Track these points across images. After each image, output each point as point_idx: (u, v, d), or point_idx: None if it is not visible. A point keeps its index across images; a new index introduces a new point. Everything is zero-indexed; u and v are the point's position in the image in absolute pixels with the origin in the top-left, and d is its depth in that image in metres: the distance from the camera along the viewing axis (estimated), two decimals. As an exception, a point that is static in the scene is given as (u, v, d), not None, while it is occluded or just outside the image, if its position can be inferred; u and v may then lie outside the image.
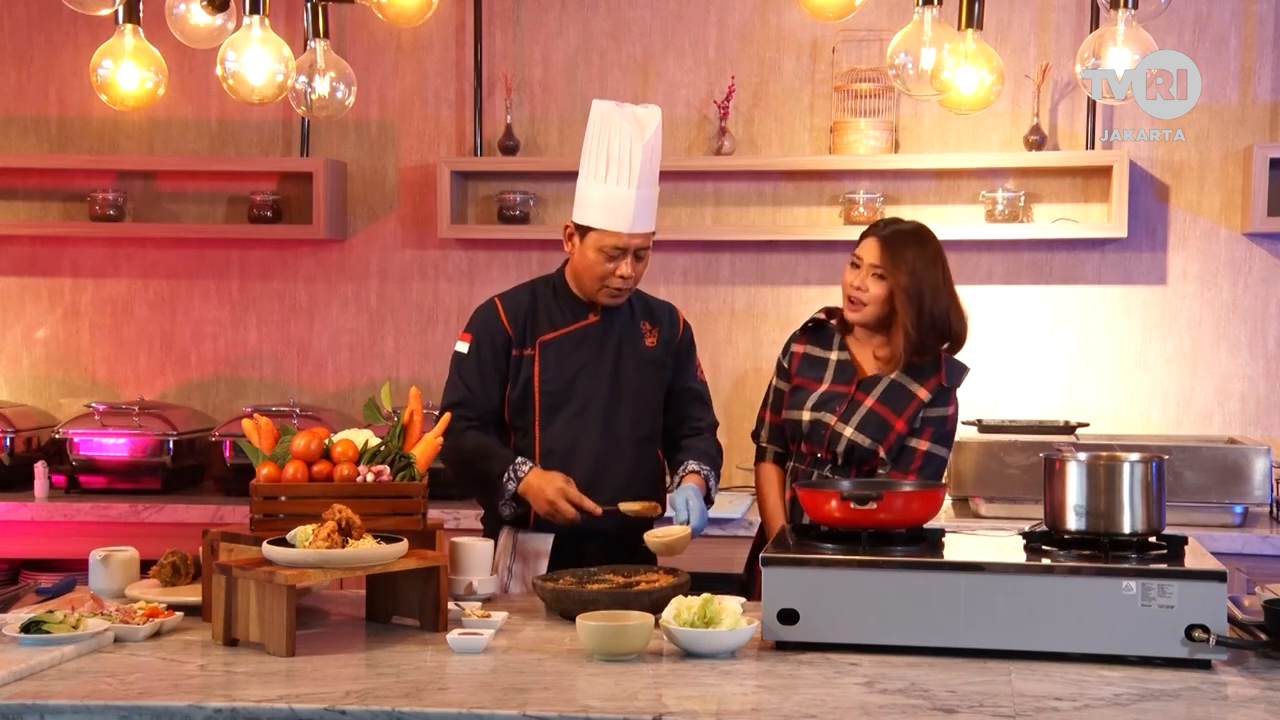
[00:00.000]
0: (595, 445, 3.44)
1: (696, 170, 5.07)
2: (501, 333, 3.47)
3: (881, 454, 3.42)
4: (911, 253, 3.41)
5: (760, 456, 3.65)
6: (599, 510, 3.31)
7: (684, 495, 3.38)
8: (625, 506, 3.31)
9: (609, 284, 3.41)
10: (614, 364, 3.48)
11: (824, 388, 3.50)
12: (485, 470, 3.39)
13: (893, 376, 3.46)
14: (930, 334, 3.42)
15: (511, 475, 3.35)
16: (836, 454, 3.44)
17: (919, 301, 3.39)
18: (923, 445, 3.46)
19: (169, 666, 2.64)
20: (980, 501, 4.49)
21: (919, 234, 3.47)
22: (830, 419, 3.45)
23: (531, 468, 3.36)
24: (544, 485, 3.32)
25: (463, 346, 3.50)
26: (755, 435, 3.67)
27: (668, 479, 3.58)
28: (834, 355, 3.54)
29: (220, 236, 5.32)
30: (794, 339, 3.62)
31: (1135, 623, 2.63)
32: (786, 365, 3.59)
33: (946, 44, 3.30)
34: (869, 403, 3.44)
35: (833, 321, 3.59)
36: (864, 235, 3.51)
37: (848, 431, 3.42)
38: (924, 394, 3.45)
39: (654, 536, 3.26)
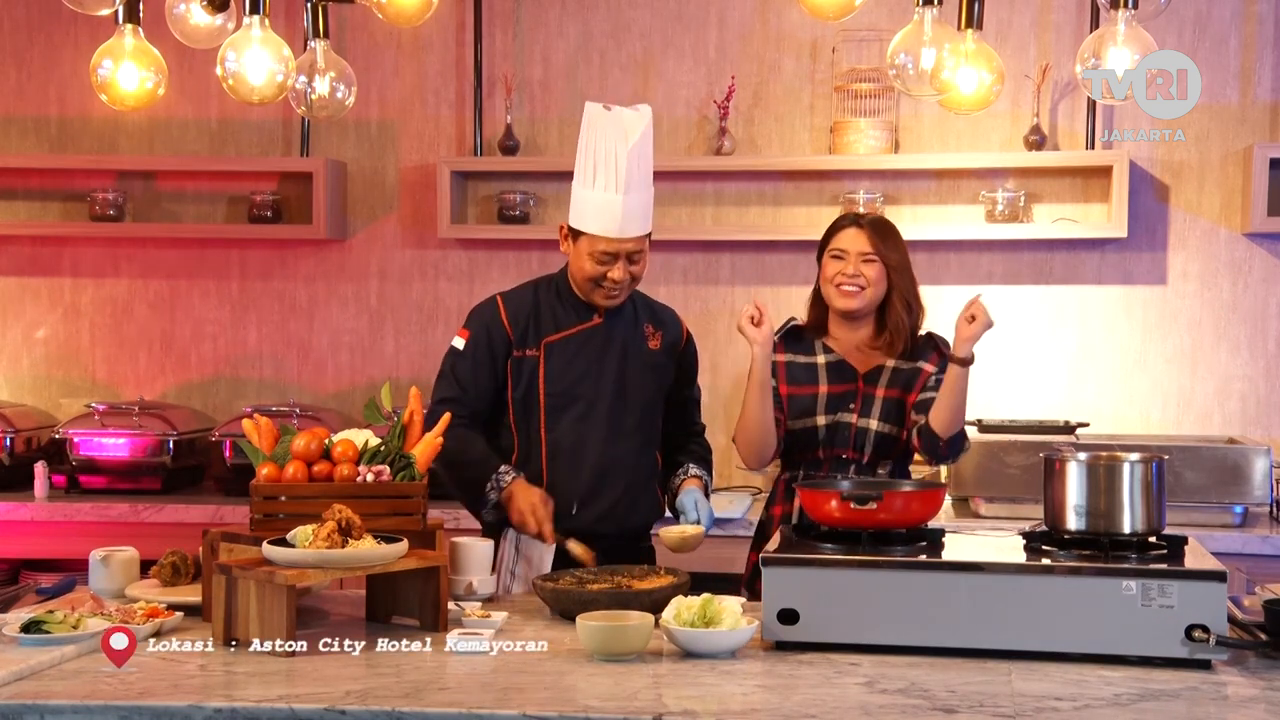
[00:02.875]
0: (601, 446, 3.44)
1: (696, 170, 5.07)
2: (501, 332, 3.46)
3: (904, 438, 3.45)
4: (894, 235, 3.53)
5: None
6: (551, 540, 3.32)
7: (692, 497, 3.43)
8: (572, 546, 3.31)
9: (602, 286, 3.41)
10: (619, 365, 3.48)
11: (823, 389, 3.49)
12: (472, 477, 3.39)
13: (893, 364, 3.48)
14: (916, 311, 3.52)
15: (494, 485, 3.35)
16: (864, 450, 3.45)
17: (909, 279, 3.51)
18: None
19: (169, 666, 2.64)
20: (980, 501, 4.49)
21: (888, 220, 3.62)
22: (850, 418, 3.45)
23: (515, 478, 3.36)
24: (521, 497, 3.33)
25: (459, 343, 3.49)
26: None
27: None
28: (821, 359, 3.52)
29: (220, 236, 5.32)
30: None
31: (1135, 623, 2.63)
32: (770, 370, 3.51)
33: (946, 44, 3.29)
34: (881, 393, 3.46)
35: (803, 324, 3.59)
36: (835, 229, 3.54)
37: (874, 425, 3.44)
38: (929, 368, 3.48)
39: (670, 533, 3.29)
